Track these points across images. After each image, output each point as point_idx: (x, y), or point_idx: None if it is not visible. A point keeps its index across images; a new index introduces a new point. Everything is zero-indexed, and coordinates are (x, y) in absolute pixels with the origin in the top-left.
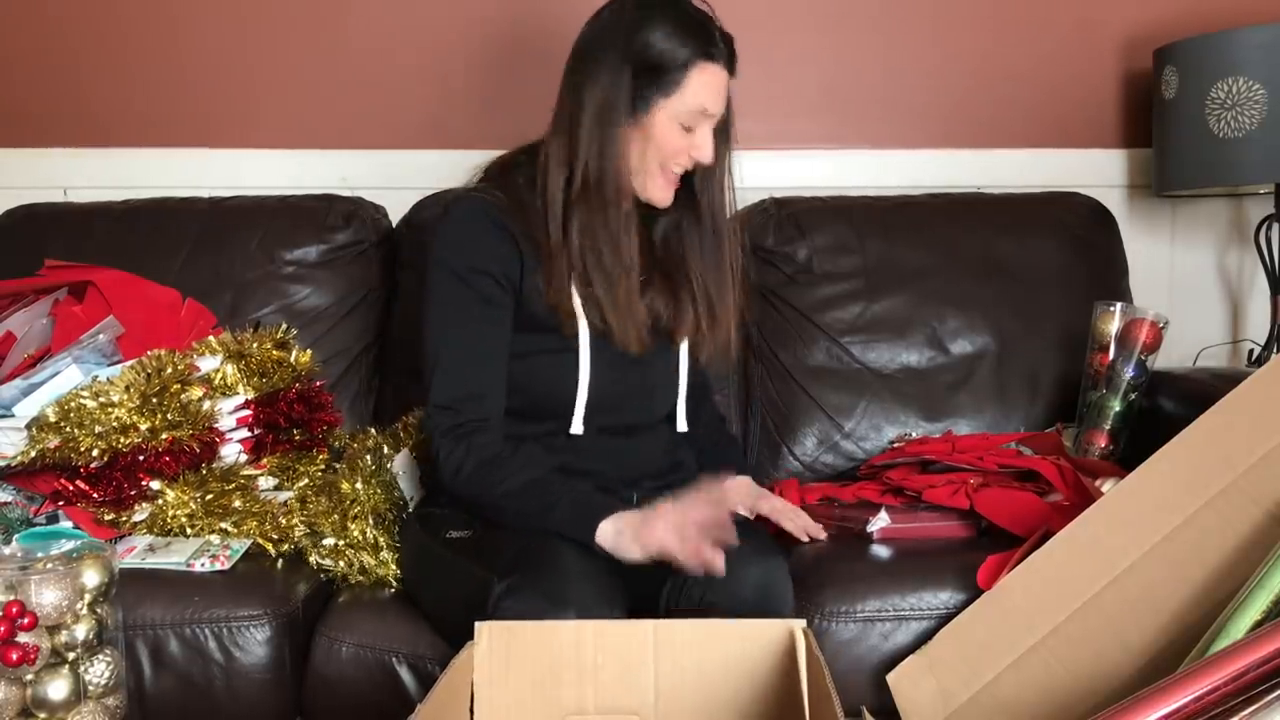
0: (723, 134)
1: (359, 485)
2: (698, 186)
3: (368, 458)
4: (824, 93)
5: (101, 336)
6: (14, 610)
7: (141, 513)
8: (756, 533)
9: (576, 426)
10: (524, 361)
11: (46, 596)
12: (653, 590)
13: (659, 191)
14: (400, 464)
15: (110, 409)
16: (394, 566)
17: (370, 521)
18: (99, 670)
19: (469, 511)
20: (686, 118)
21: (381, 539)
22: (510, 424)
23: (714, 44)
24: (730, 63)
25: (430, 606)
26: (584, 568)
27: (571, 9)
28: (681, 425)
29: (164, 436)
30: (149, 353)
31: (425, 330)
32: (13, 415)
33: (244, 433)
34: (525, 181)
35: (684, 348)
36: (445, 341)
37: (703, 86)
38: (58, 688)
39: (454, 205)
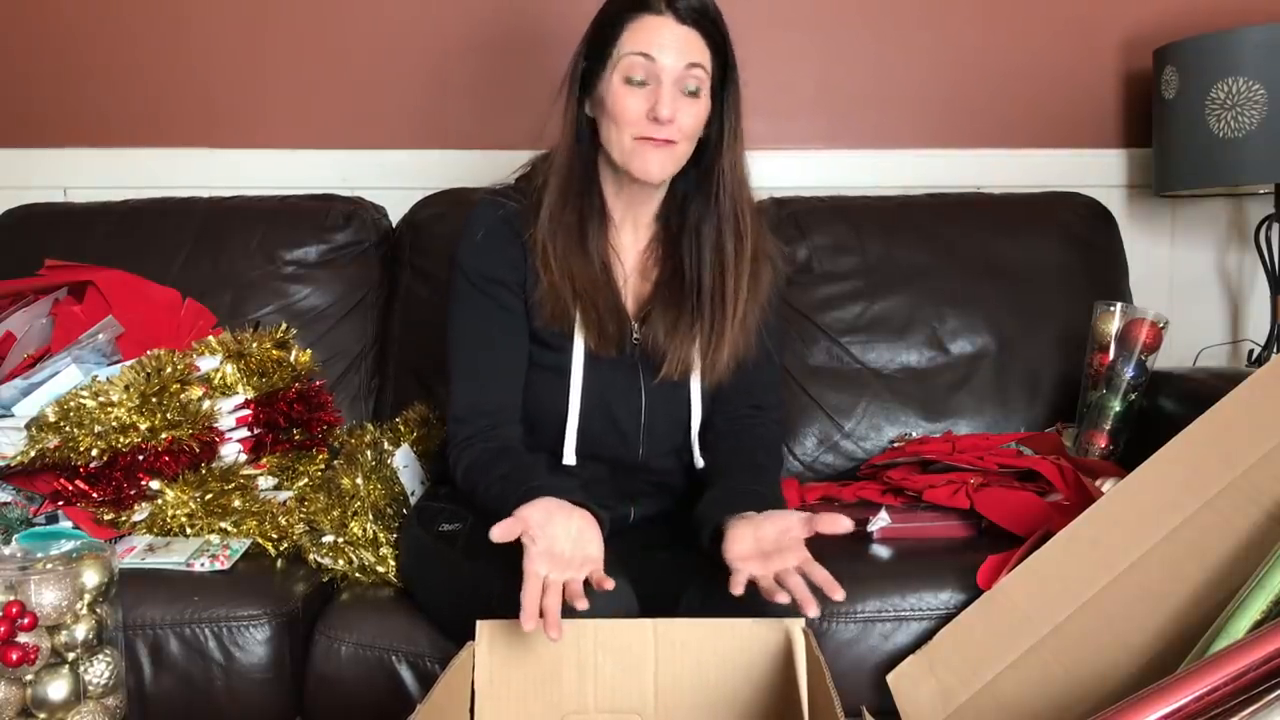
0: (719, 98)
1: (359, 481)
2: (706, 166)
3: (368, 453)
4: (824, 93)
5: (101, 336)
6: (14, 610)
7: (141, 512)
8: None
9: (568, 457)
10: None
11: (46, 596)
12: (670, 589)
13: (642, 164)
14: (402, 458)
15: (110, 409)
16: (394, 563)
17: (370, 517)
18: (99, 670)
19: (465, 503)
20: (626, 68)
21: (381, 535)
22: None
23: None
24: (684, 14)
25: (430, 604)
26: None
27: (572, 9)
28: (699, 461)
29: (164, 436)
30: (149, 352)
31: (447, 337)
32: (12, 415)
33: (244, 432)
34: (544, 183)
35: (695, 378)
36: (462, 353)
37: (635, 34)
38: (58, 688)
39: (475, 210)
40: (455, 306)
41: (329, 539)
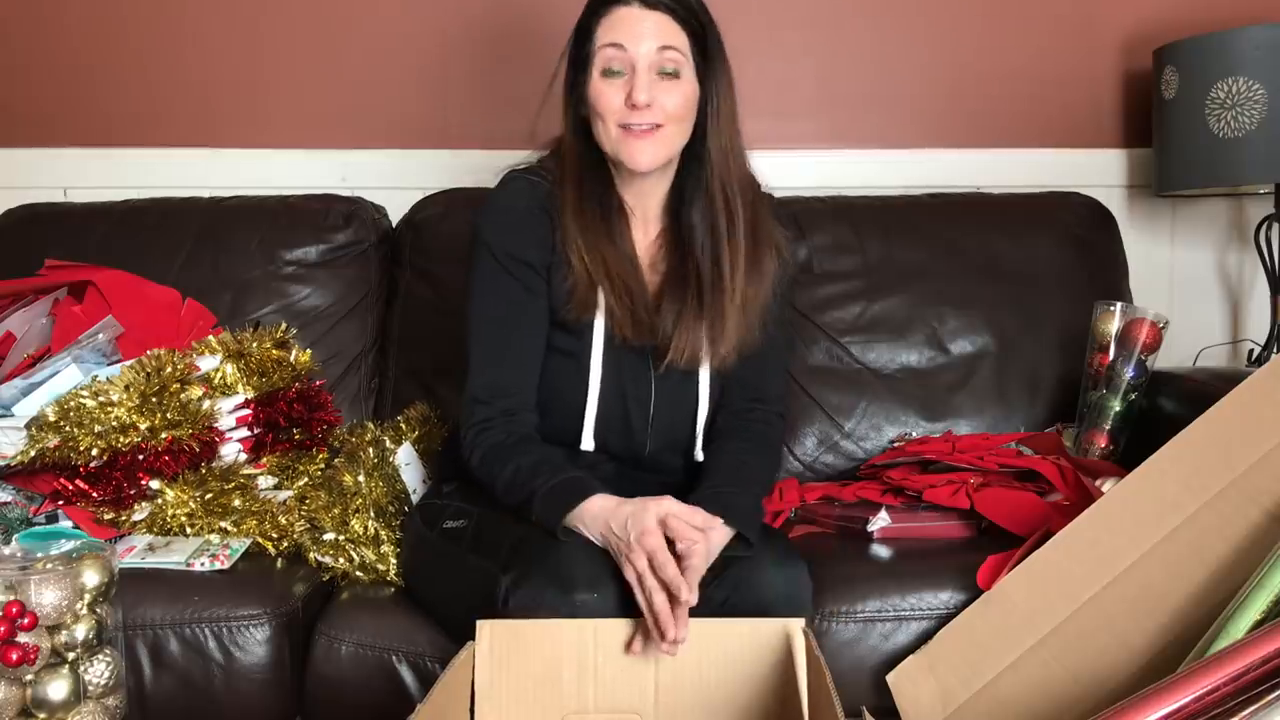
0: (708, 79)
1: (360, 478)
2: (695, 150)
3: (369, 450)
4: (824, 92)
5: (101, 336)
6: (14, 610)
7: (141, 512)
8: (779, 537)
9: (586, 442)
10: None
11: (46, 596)
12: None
13: (629, 154)
14: (404, 456)
15: (110, 408)
16: (395, 561)
17: (371, 515)
18: (99, 670)
19: (470, 500)
20: (602, 61)
21: (383, 533)
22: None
23: None
24: (652, 0)
25: (434, 602)
26: (585, 545)
27: (572, 8)
28: (699, 454)
29: (163, 436)
30: (149, 352)
31: (467, 314)
32: (12, 415)
33: (244, 432)
34: (562, 179)
35: (705, 372)
36: (484, 333)
37: (606, 28)
38: (58, 688)
39: (501, 185)
40: (478, 285)
41: (330, 537)
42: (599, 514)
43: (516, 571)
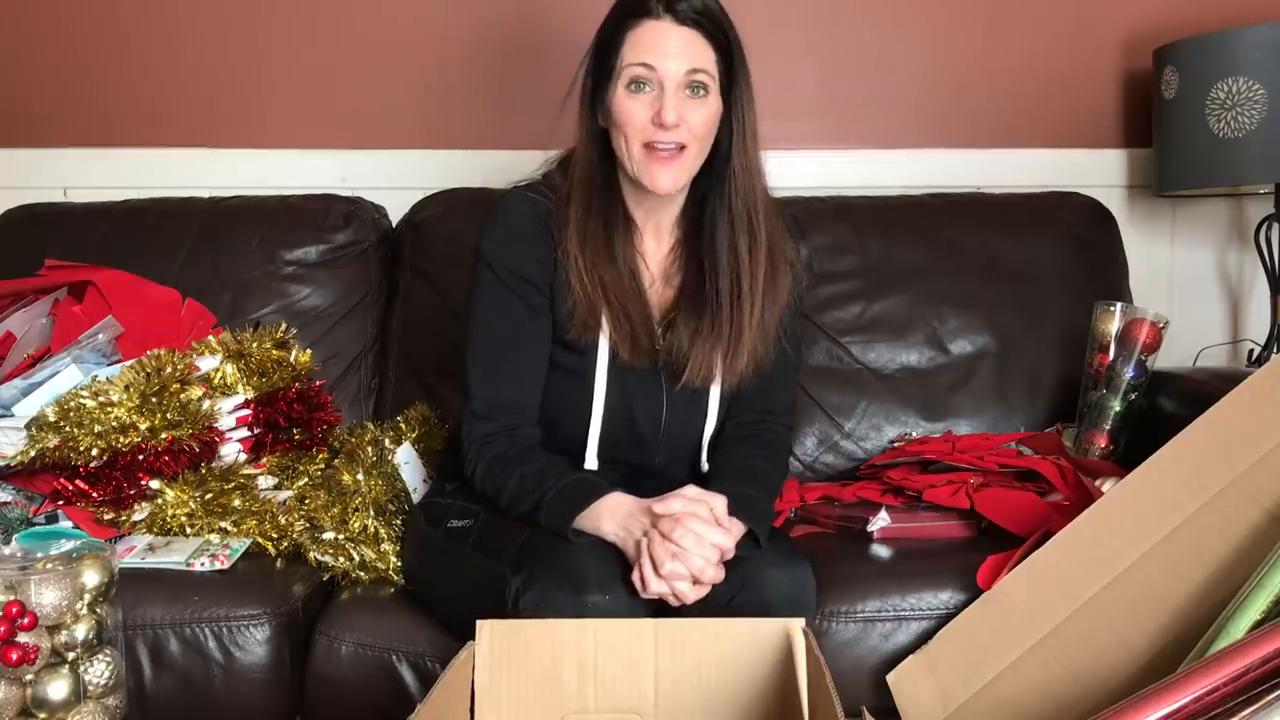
0: (733, 95)
1: (359, 476)
2: (719, 168)
3: (369, 449)
4: (825, 92)
5: (101, 336)
6: (14, 610)
7: (141, 512)
8: (782, 538)
9: (590, 461)
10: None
11: (46, 596)
12: None
13: (651, 178)
14: (403, 455)
15: (110, 408)
16: (395, 559)
17: (371, 513)
18: (99, 670)
19: (474, 499)
20: (629, 77)
21: (383, 531)
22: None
23: (644, 2)
24: (683, 16)
25: (437, 601)
26: (594, 545)
27: (573, 9)
28: (704, 465)
29: (163, 436)
30: (149, 352)
31: (469, 329)
32: (12, 415)
33: (244, 432)
34: (568, 194)
35: (716, 388)
36: (484, 348)
37: (635, 43)
38: (58, 688)
39: (503, 201)
40: (479, 300)
41: (329, 536)
42: (616, 507)
43: (527, 572)
